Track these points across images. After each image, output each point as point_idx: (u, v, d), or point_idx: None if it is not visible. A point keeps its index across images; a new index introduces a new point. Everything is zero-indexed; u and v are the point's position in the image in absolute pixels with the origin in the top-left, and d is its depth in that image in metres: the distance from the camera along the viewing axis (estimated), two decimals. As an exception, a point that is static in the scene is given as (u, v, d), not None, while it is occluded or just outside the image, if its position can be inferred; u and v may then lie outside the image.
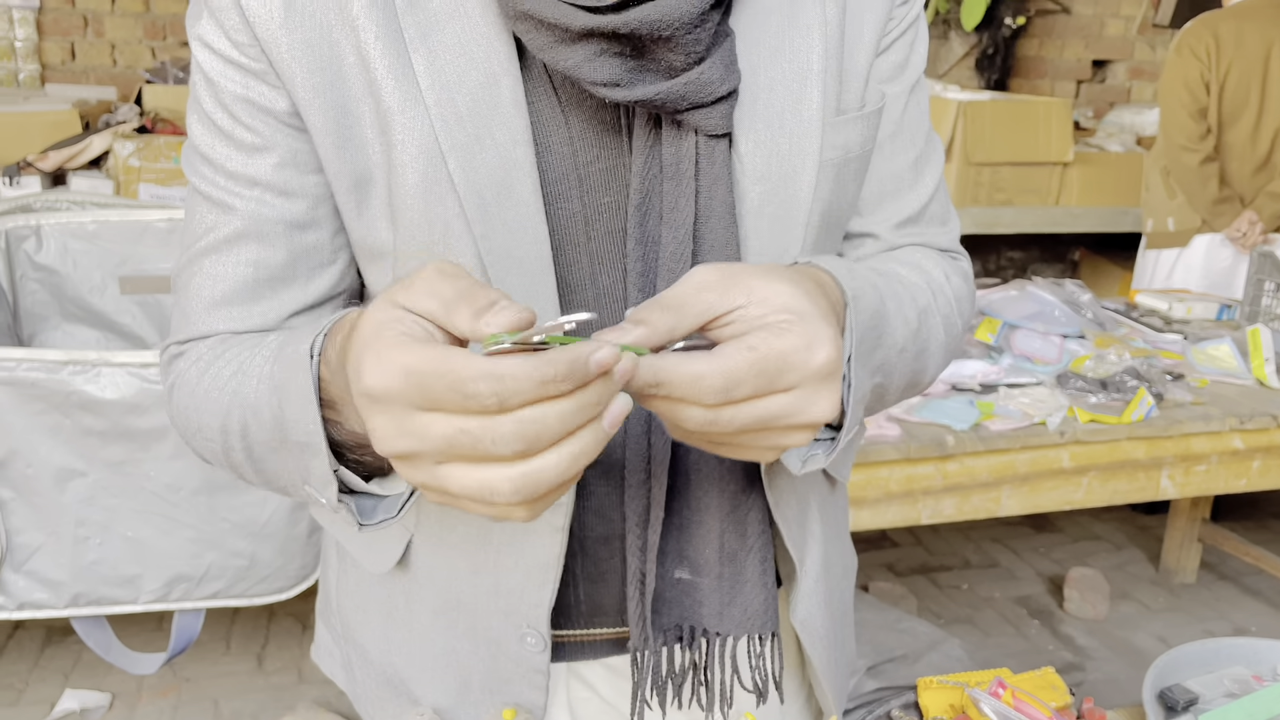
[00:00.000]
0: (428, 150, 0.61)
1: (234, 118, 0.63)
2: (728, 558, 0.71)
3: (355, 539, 0.77)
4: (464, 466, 0.44)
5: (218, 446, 0.64)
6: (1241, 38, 2.91)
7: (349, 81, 0.61)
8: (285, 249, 0.66)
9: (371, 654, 0.81)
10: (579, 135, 0.63)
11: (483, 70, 0.61)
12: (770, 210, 0.66)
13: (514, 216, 0.62)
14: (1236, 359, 2.13)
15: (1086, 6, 4.59)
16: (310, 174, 0.65)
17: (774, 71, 0.65)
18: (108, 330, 1.61)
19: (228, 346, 0.65)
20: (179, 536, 1.36)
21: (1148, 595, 2.91)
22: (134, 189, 2.72)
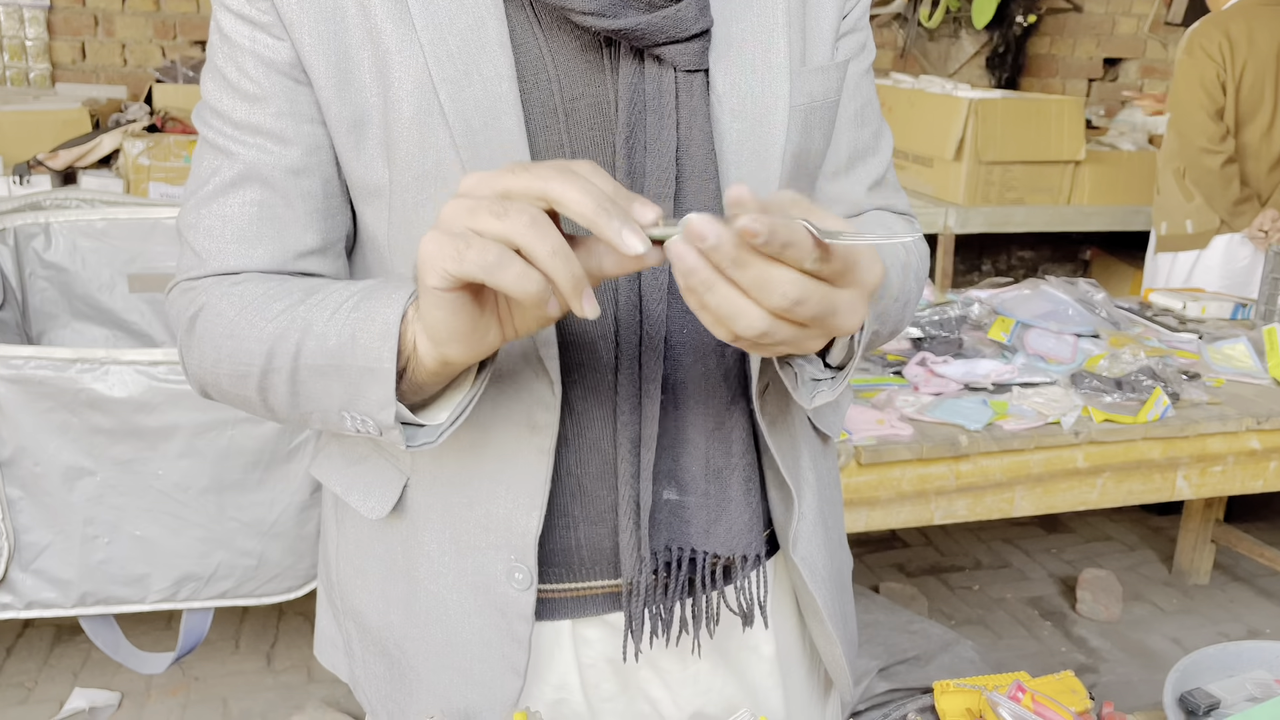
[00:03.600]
0: (421, 85, 0.67)
1: (240, 69, 0.70)
2: (713, 474, 0.75)
3: (355, 486, 0.80)
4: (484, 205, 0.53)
5: (251, 369, 0.68)
6: (1253, 36, 2.88)
7: (350, 29, 0.68)
8: (283, 192, 0.71)
9: (369, 619, 0.83)
10: (564, 73, 0.69)
11: (471, 13, 0.67)
12: (749, 146, 0.71)
13: (499, 145, 0.67)
14: (1252, 358, 2.11)
15: (1098, 4, 4.56)
16: (305, 123, 0.71)
17: (745, 23, 0.71)
18: (116, 328, 1.60)
19: (267, 284, 0.70)
20: (187, 536, 1.35)
21: (1161, 597, 2.88)
22: (144, 188, 2.72)
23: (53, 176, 2.78)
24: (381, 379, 0.62)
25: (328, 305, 0.66)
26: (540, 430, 0.72)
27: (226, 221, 0.72)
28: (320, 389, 0.66)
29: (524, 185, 0.53)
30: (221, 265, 0.72)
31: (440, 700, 0.80)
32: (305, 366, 0.66)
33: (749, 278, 0.52)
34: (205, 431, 1.32)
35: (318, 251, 0.74)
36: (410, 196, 0.69)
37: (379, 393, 0.62)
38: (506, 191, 0.54)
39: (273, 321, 0.67)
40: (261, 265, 0.72)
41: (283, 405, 0.70)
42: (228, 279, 0.72)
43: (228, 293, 0.71)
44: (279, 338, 0.67)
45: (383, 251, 0.73)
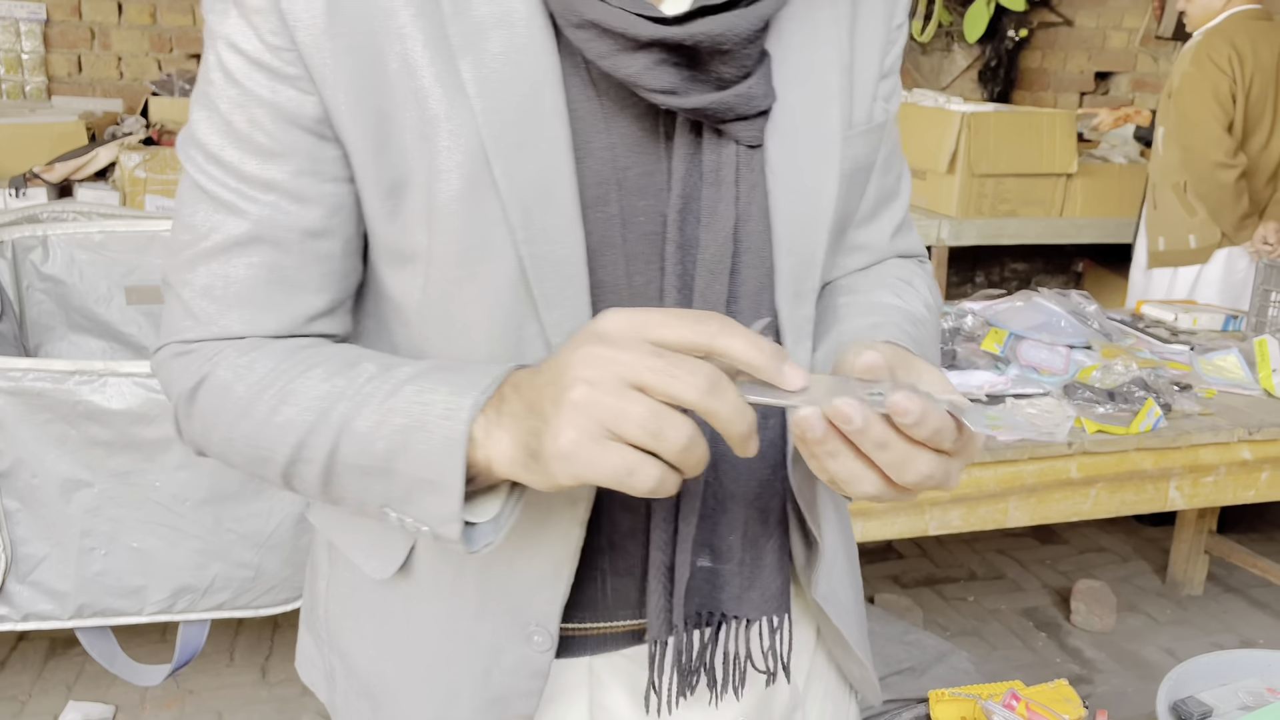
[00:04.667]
0: (473, 156, 0.62)
1: (253, 121, 0.63)
2: (749, 543, 0.74)
3: (357, 543, 0.76)
4: (648, 398, 0.51)
5: (274, 457, 0.64)
6: (1256, 49, 2.88)
7: (392, 88, 0.62)
8: (298, 255, 0.66)
9: (358, 663, 0.80)
10: (619, 141, 0.65)
11: (528, 78, 0.62)
12: (799, 220, 0.69)
13: (554, 220, 0.63)
14: (1244, 369, 2.12)
15: (1089, 18, 4.60)
16: (328, 183, 0.65)
17: (800, 91, 0.68)
18: (114, 341, 1.60)
19: (283, 360, 0.65)
20: (184, 547, 1.35)
21: (1155, 607, 2.89)
22: (140, 200, 2.73)
23: (49, 189, 2.78)
24: (445, 494, 0.58)
25: (370, 401, 0.61)
26: (577, 503, 0.68)
27: (230, 283, 0.66)
28: (359, 486, 0.62)
29: (685, 338, 0.52)
30: (223, 331, 0.66)
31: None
32: (344, 464, 0.62)
33: (888, 458, 0.53)
34: (203, 443, 1.33)
35: (329, 313, 0.69)
36: (452, 271, 0.64)
37: (441, 507, 0.58)
38: (662, 342, 0.52)
39: (301, 412, 0.62)
40: (269, 331, 0.67)
41: (310, 491, 0.66)
42: (232, 346, 0.66)
43: (235, 365, 0.65)
44: (310, 430, 0.62)
45: (410, 318, 0.68)
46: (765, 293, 0.70)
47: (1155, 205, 3.11)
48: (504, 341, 0.66)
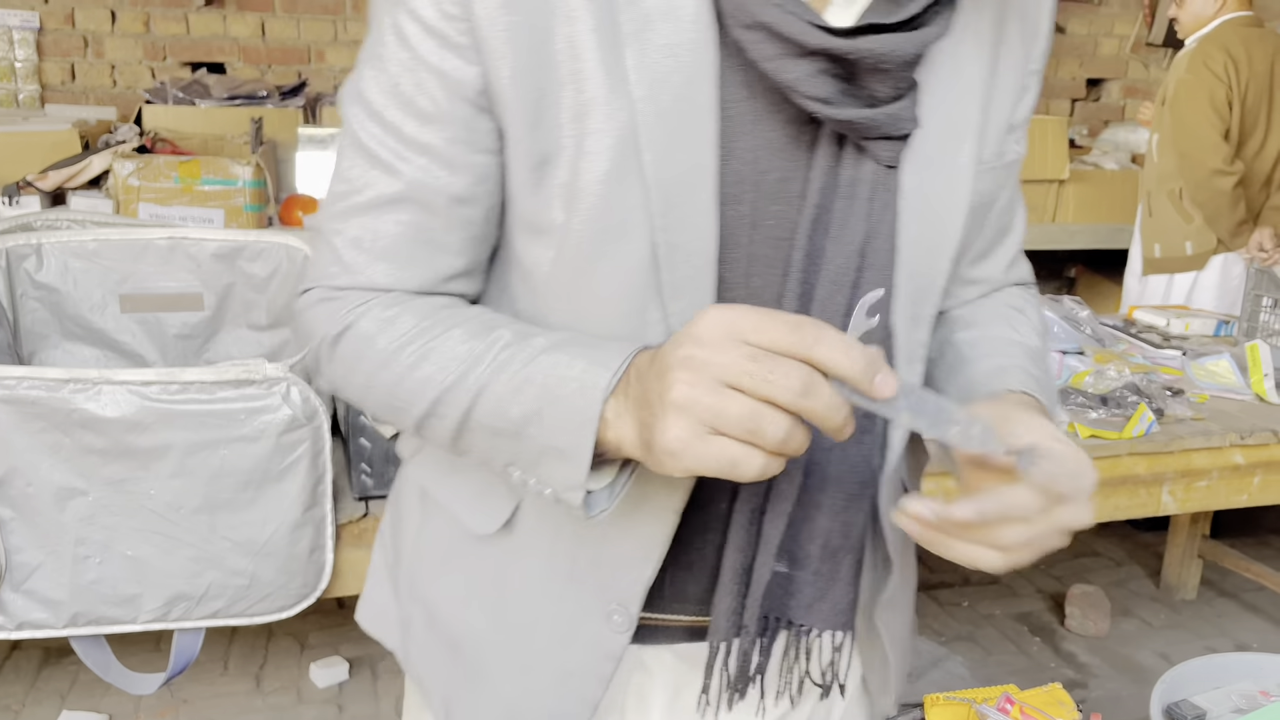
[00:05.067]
0: (624, 141, 0.64)
1: (419, 85, 0.66)
2: (829, 554, 0.75)
3: (460, 497, 0.79)
4: (745, 397, 0.53)
5: (409, 408, 0.68)
6: (1251, 56, 2.89)
7: (555, 67, 0.64)
8: (444, 218, 0.69)
9: (443, 614, 0.83)
10: (763, 145, 0.67)
11: (687, 72, 0.64)
12: (923, 245, 0.71)
13: (691, 212, 0.65)
14: (1236, 374, 2.13)
15: (1080, 26, 4.63)
16: (478, 153, 0.68)
17: (940, 121, 0.70)
18: (108, 349, 1.60)
19: (424, 319, 0.68)
20: (179, 555, 1.35)
21: (1149, 612, 2.90)
22: (134, 208, 2.73)
23: (42, 197, 2.78)
24: (573, 463, 0.61)
25: (508, 368, 0.64)
26: (676, 491, 0.70)
27: (379, 237, 0.70)
28: (489, 444, 0.66)
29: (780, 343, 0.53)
30: (368, 280, 0.70)
31: (505, 709, 0.81)
32: (477, 424, 0.66)
33: (980, 537, 0.58)
34: (197, 451, 1.32)
35: (465, 274, 0.73)
36: (586, 248, 0.67)
37: (568, 475, 0.62)
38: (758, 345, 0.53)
39: (440, 370, 0.66)
40: (410, 287, 0.71)
41: (439, 442, 0.70)
42: (377, 300, 0.70)
43: (379, 318, 0.69)
44: (448, 390, 0.66)
45: (537, 286, 0.71)
46: (882, 310, 0.71)
47: (1150, 212, 3.12)
48: (626, 323, 0.68)
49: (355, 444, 1.46)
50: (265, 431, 1.34)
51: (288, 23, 3.90)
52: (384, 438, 1.46)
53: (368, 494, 1.48)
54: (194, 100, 3.37)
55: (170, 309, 1.61)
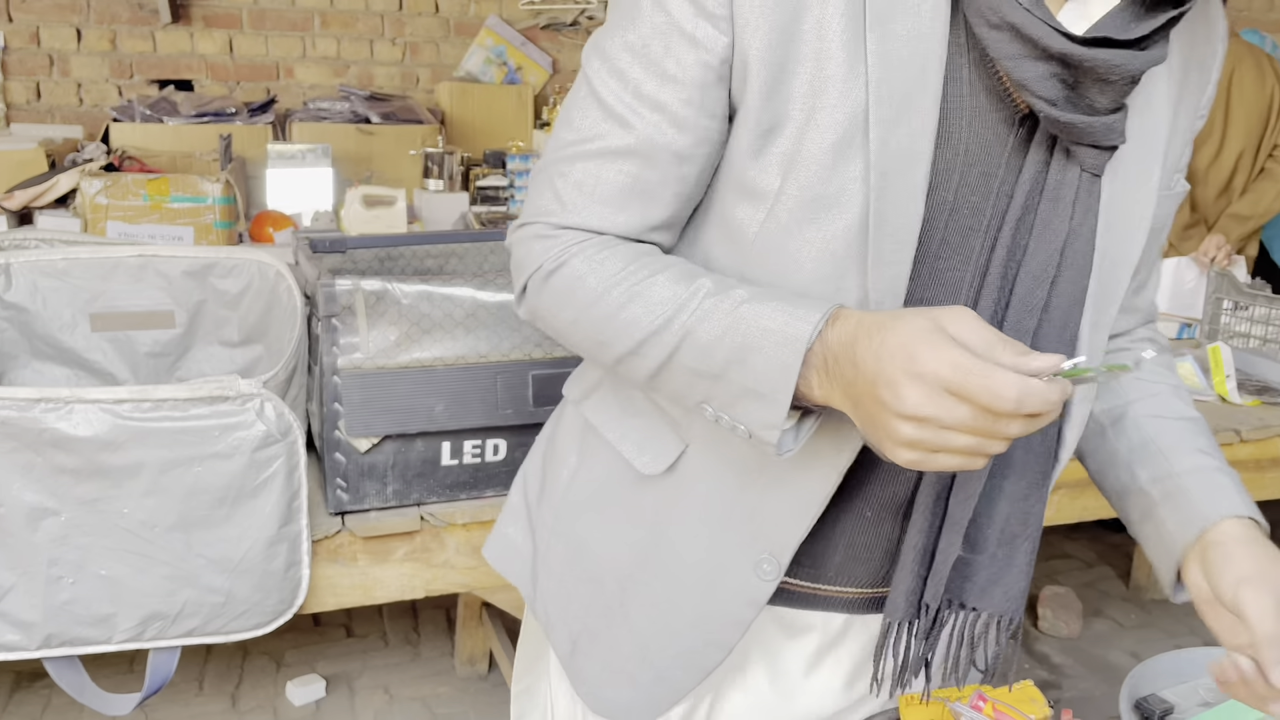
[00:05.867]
0: (854, 117, 0.69)
1: (668, 47, 0.72)
2: (1006, 540, 0.80)
3: (630, 438, 0.85)
4: (965, 435, 0.60)
5: (613, 346, 0.75)
6: None
7: (800, 44, 0.70)
8: (662, 173, 0.75)
9: (592, 549, 0.89)
10: (973, 139, 0.72)
11: (920, 62, 0.69)
12: (1113, 255, 0.77)
13: (903, 191, 0.70)
14: (1198, 376, 2.17)
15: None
16: (706, 117, 0.73)
17: (1137, 144, 0.76)
18: (79, 368, 1.59)
19: (637, 264, 0.74)
20: (154, 574, 1.34)
21: (1119, 612, 2.94)
22: (102, 227, 2.71)
23: (8, 217, 2.75)
24: (773, 406, 0.68)
25: (712, 315, 0.70)
26: (843, 451, 0.75)
27: (601, 182, 0.76)
28: (687, 383, 0.73)
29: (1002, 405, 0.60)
30: (583, 221, 0.76)
31: (638, 645, 0.86)
32: (679, 366, 0.72)
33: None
34: (171, 468, 1.32)
35: (667, 227, 0.78)
36: (799, 213, 0.72)
37: (766, 415, 0.68)
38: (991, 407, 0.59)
39: (648, 312, 0.72)
40: (620, 230, 0.76)
41: (635, 377, 0.76)
42: (590, 242, 0.76)
43: (591, 259, 0.75)
44: (655, 333, 0.72)
45: (743, 245, 0.76)
46: (1075, 310, 0.77)
47: None
48: (822, 289, 0.73)
49: (330, 459, 1.46)
50: (239, 448, 1.34)
51: (256, 39, 3.89)
52: (359, 452, 1.46)
53: (343, 509, 1.48)
54: (162, 118, 3.36)
55: (141, 327, 1.60)
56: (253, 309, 1.59)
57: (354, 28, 3.99)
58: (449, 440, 1.50)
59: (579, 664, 0.91)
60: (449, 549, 1.53)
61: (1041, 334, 0.76)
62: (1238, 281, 2.49)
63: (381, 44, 4.03)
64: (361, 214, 2.96)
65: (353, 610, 2.78)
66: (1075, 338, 0.77)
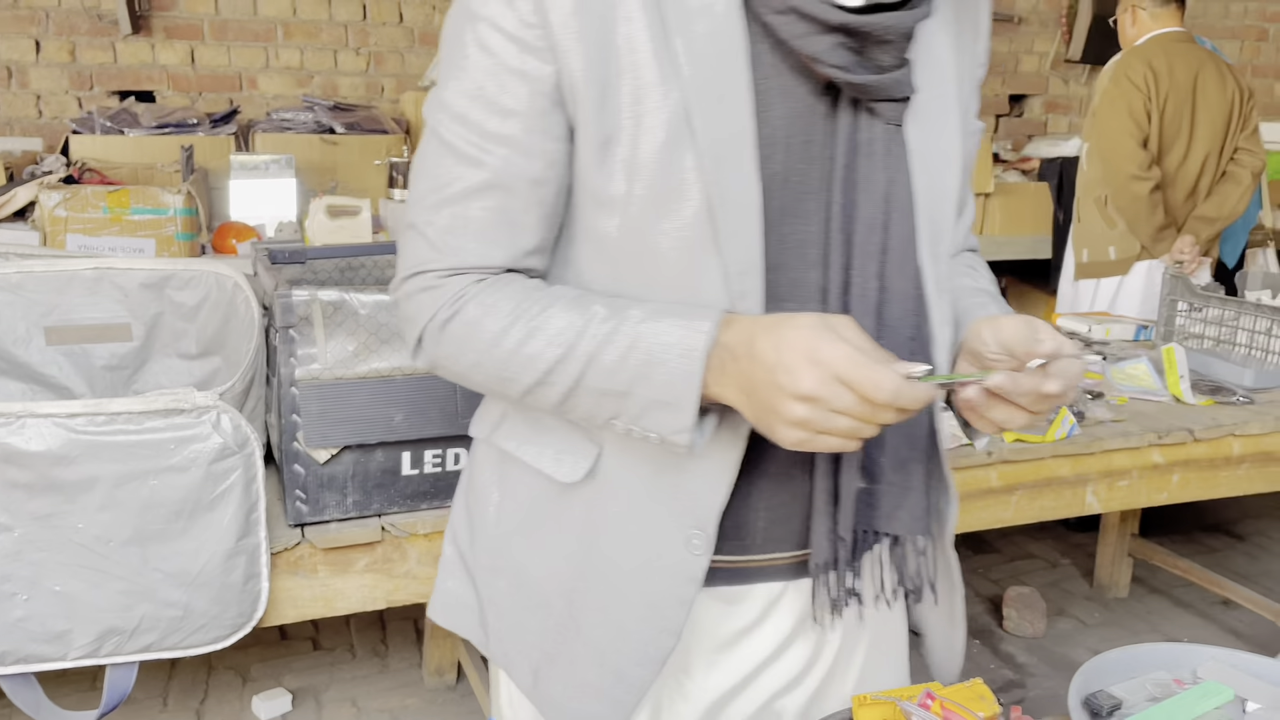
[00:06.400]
0: (677, 114, 0.77)
1: (501, 86, 0.79)
2: (899, 465, 0.88)
3: (546, 453, 0.89)
4: (846, 419, 0.71)
5: (519, 379, 0.80)
6: (1172, 68, 3.01)
7: (617, 59, 0.77)
8: (523, 199, 0.81)
9: (531, 573, 0.92)
10: (788, 113, 0.81)
11: (724, 55, 0.77)
12: (933, 192, 0.86)
13: (736, 168, 0.78)
14: (1153, 377, 2.21)
15: (1001, 44, 4.76)
16: (550, 141, 0.80)
17: (930, 92, 0.86)
18: (33, 382, 1.58)
19: (526, 301, 0.80)
20: (109, 589, 1.33)
21: (1083, 611, 2.97)
22: (61, 239, 2.68)
23: (-35, 230, 2.72)
24: (681, 413, 0.76)
25: (613, 338, 0.77)
26: (740, 423, 0.81)
27: (469, 221, 0.81)
28: (595, 404, 0.79)
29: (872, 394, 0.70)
30: (460, 261, 0.82)
31: (594, 653, 0.89)
32: (586, 389, 0.78)
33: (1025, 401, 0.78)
34: (126, 482, 1.31)
35: (539, 251, 0.84)
36: (650, 210, 0.79)
37: (675, 421, 0.76)
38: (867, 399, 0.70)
39: (550, 344, 0.79)
40: (496, 263, 0.82)
41: (544, 405, 0.82)
42: (479, 286, 0.82)
43: (485, 303, 0.81)
44: (559, 361, 0.78)
45: (610, 251, 0.82)
46: (909, 248, 0.85)
47: (1079, 219, 3.22)
48: (688, 273, 0.80)
49: (289, 471, 1.46)
50: (196, 460, 1.34)
51: (218, 50, 3.87)
52: (318, 463, 1.46)
53: (303, 521, 1.48)
54: (122, 129, 3.33)
55: (97, 340, 1.59)
56: (210, 321, 1.58)
57: (317, 38, 3.98)
58: (409, 450, 1.50)
59: (543, 690, 0.93)
60: (410, 559, 1.53)
61: (887, 273, 0.84)
62: (1191, 284, 2.53)
63: (345, 54, 4.02)
64: (326, 224, 2.95)
65: (320, 622, 2.77)
66: (918, 271, 0.85)
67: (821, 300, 0.83)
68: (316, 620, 2.74)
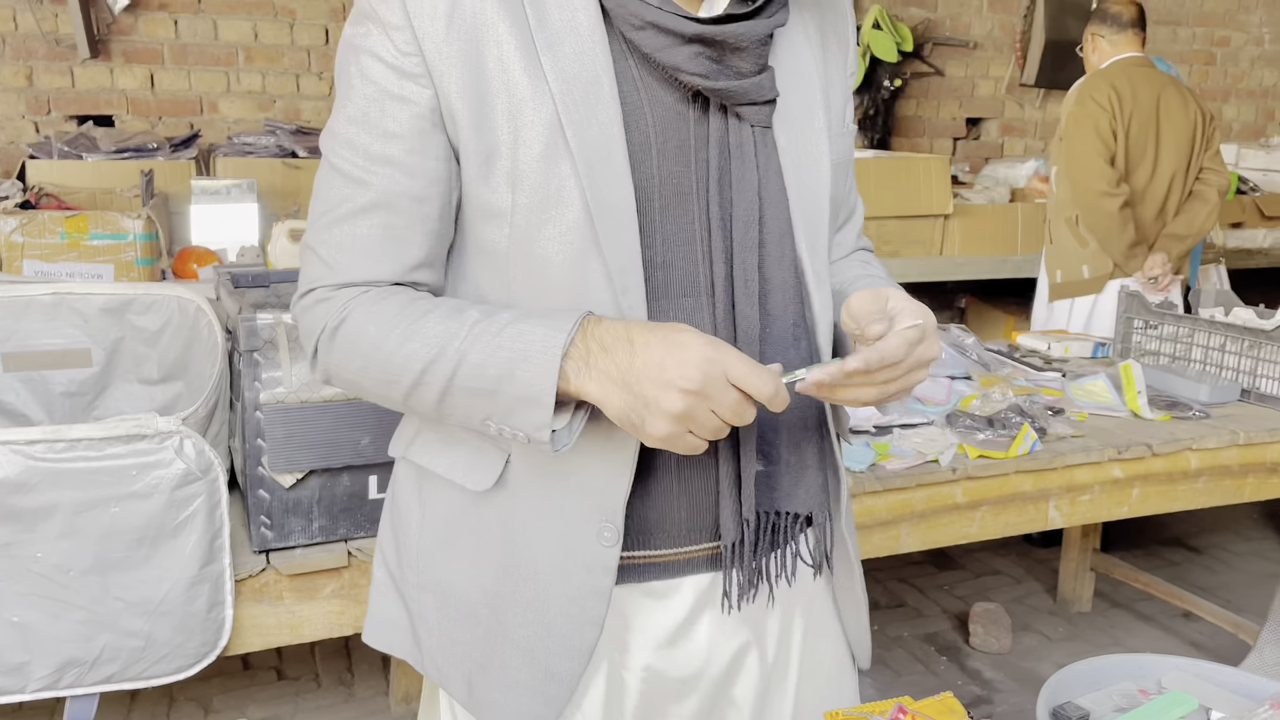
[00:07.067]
0: (551, 126, 0.82)
1: (383, 110, 0.84)
2: (793, 445, 0.93)
3: (458, 465, 0.92)
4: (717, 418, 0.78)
5: (400, 380, 0.84)
6: (1135, 90, 3.09)
7: (489, 80, 0.83)
8: (407, 216, 0.86)
9: (457, 586, 0.95)
10: (657, 120, 0.86)
11: (591, 71, 0.83)
12: (805, 188, 0.92)
13: (610, 175, 0.83)
14: (1111, 393, 2.25)
15: (958, 69, 4.85)
16: (431, 160, 0.85)
17: (795, 96, 0.92)
18: (-10, 409, 1.55)
19: (408, 307, 0.84)
20: (69, 619, 1.31)
21: (1047, 626, 3.00)
22: (17, 265, 2.64)
23: (-82, 257, 2.67)
24: (539, 409, 0.79)
25: (481, 339, 0.81)
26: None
27: (357, 240, 0.86)
28: (468, 403, 0.83)
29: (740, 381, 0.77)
30: (351, 276, 0.86)
31: (523, 654, 0.92)
32: (459, 387, 0.82)
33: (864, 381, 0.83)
34: (87, 510, 1.29)
35: (427, 265, 0.88)
36: (534, 218, 0.84)
37: (536, 417, 0.80)
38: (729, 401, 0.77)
39: (425, 345, 0.82)
40: (384, 277, 0.86)
41: (425, 408, 0.86)
42: (365, 296, 0.86)
43: (369, 311, 0.85)
44: (433, 361, 0.82)
45: (500, 261, 0.87)
46: (786, 239, 0.91)
47: (1051, 240, 3.28)
48: (574, 275, 0.84)
49: (254, 496, 1.44)
50: (158, 487, 1.32)
51: (178, 74, 3.85)
52: (283, 488, 1.45)
53: (268, 547, 1.46)
54: (81, 154, 3.29)
55: (56, 366, 1.57)
56: (172, 345, 1.57)
57: (279, 62, 3.97)
58: (376, 473, 1.49)
59: (478, 698, 0.95)
60: (378, 584, 1.51)
61: (766, 265, 0.89)
62: (1147, 301, 2.58)
63: (308, 78, 4.01)
64: (288, 248, 2.93)
65: (284, 651, 2.72)
66: (796, 261, 0.91)
67: (710, 293, 0.88)
68: (281, 648, 2.69)
